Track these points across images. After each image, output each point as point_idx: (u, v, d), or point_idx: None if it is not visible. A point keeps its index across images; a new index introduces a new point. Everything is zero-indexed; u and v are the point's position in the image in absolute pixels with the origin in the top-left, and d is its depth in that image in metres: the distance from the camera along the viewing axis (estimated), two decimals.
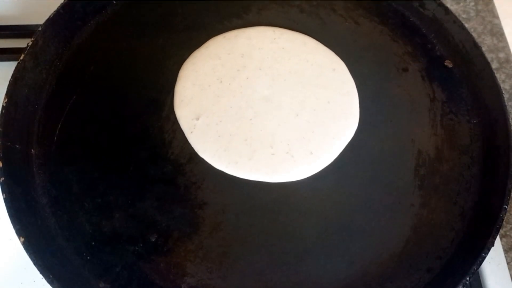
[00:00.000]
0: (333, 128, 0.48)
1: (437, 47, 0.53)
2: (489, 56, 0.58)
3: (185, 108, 0.48)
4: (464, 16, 0.66)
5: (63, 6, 0.48)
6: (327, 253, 0.42)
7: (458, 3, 0.66)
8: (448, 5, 0.52)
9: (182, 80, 0.49)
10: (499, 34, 0.64)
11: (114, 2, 0.52)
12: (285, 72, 0.50)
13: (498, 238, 0.46)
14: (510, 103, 0.58)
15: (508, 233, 0.51)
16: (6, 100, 0.43)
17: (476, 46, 0.50)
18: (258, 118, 0.48)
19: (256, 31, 0.53)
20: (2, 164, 0.41)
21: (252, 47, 0.52)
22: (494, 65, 0.61)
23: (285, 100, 0.49)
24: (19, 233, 0.39)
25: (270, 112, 0.48)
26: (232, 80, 0.49)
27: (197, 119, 0.47)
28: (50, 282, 0.38)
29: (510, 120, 0.46)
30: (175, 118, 0.47)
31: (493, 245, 0.41)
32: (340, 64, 0.51)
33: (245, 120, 0.47)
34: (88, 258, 0.41)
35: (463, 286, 0.39)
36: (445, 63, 0.52)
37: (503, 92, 0.48)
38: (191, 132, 0.46)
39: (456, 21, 0.52)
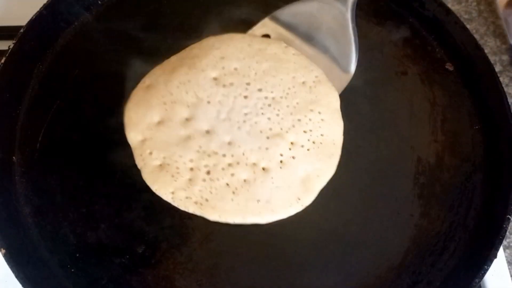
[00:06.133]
0: (318, 166, 0.43)
1: (437, 50, 0.53)
2: (492, 58, 0.58)
3: (132, 131, 0.44)
4: (466, 16, 0.66)
5: (46, 7, 0.48)
6: (323, 264, 0.42)
7: (459, 3, 0.67)
8: (449, 5, 0.52)
9: (131, 98, 0.45)
10: (502, 35, 0.64)
11: (100, 2, 0.52)
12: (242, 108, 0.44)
13: (501, 249, 0.47)
14: None
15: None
16: None
17: (478, 48, 0.50)
18: (217, 170, 0.41)
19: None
20: None
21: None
22: (497, 68, 0.61)
23: (248, 150, 0.42)
24: (0, 244, 0.38)
25: (230, 165, 0.41)
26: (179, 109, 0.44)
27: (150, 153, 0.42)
28: None
29: None
30: None
31: (496, 257, 0.40)
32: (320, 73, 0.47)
33: (199, 171, 0.41)
34: (73, 270, 0.40)
35: None
36: (446, 66, 0.52)
37: (507, 96, 0.47)
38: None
39: (457, 22, 0.51)
